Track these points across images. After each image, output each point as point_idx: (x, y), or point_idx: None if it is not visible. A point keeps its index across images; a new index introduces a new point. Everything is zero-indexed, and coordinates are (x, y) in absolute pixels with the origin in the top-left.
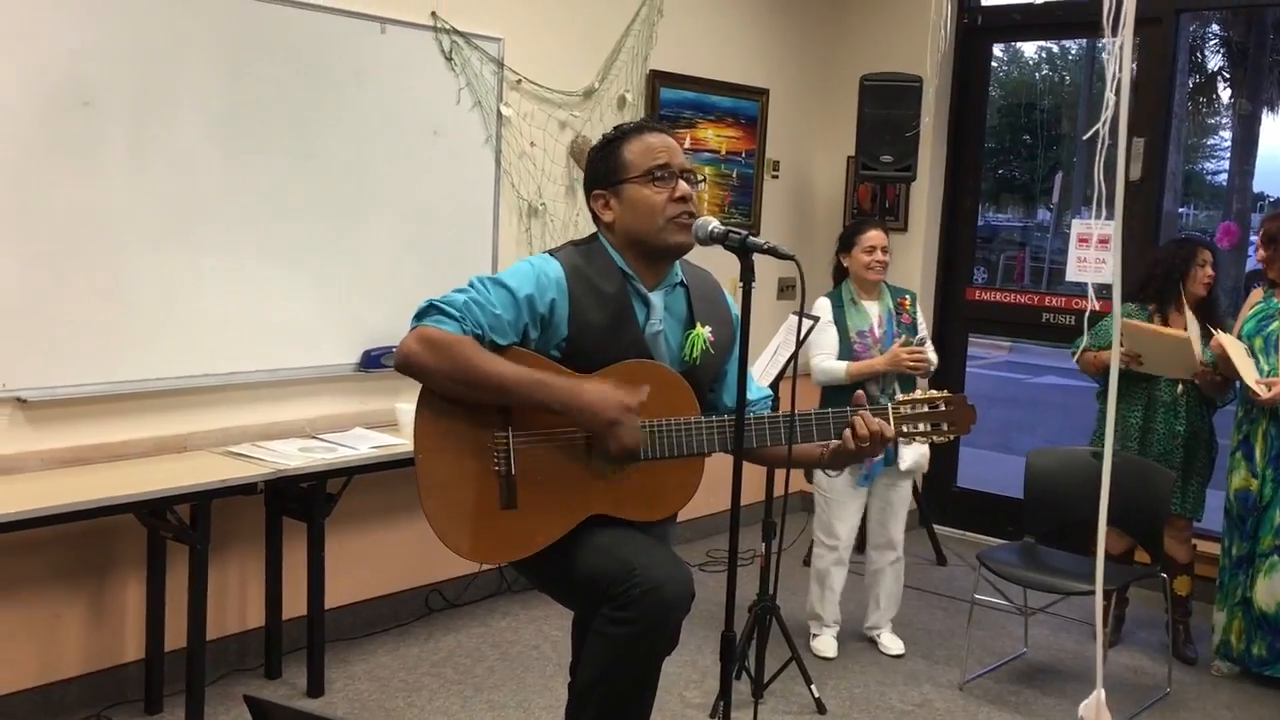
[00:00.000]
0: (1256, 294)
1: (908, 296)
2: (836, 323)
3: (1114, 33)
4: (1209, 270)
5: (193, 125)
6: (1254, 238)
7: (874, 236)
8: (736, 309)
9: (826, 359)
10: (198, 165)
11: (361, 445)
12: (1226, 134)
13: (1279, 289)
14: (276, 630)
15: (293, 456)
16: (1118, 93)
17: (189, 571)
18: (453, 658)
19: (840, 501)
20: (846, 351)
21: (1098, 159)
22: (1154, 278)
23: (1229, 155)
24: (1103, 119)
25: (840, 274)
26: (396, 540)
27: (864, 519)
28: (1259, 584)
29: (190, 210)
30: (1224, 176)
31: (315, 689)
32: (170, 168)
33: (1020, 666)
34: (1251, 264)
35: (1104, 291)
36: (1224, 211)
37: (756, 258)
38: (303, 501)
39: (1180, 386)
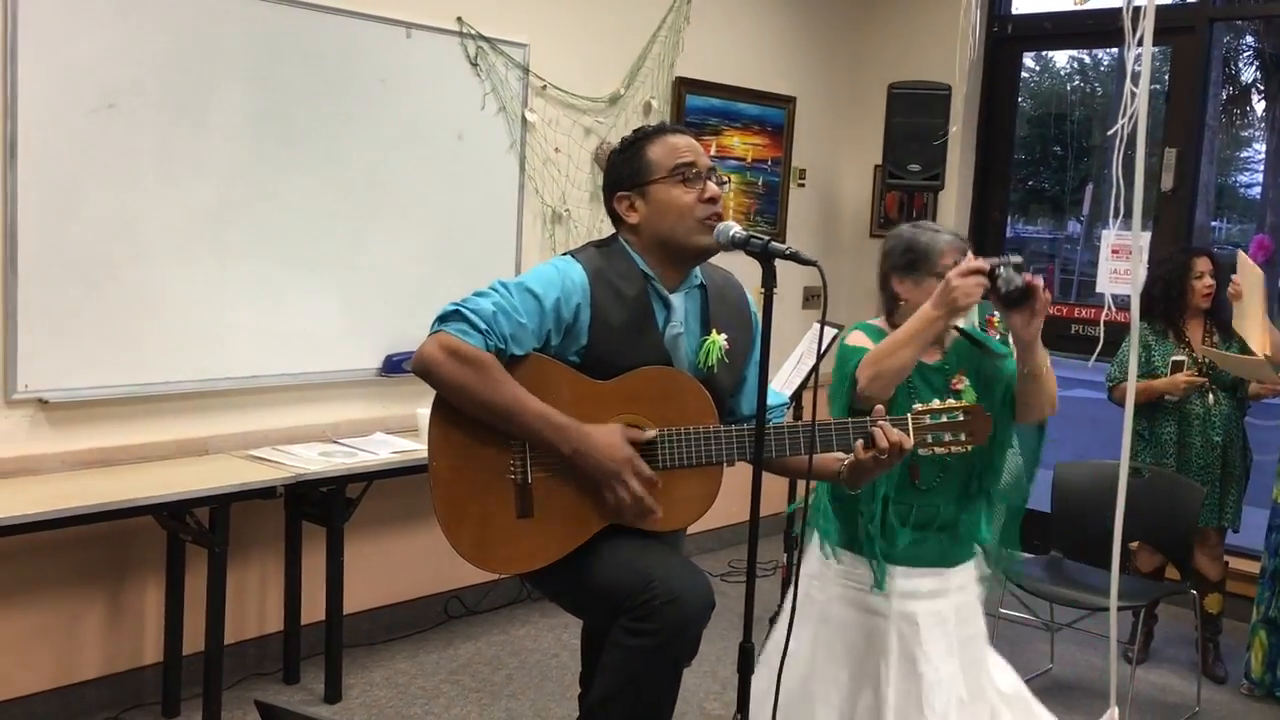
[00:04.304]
0: None
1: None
2: None
3: (1137, 40)
4: (1207, 280)
5: (219, 131)
6: None
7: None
8: (759, 311)
9: None
10: (223, 171)
11: (382, 450)
12: (1260, 146)
13: None
14: (295, 635)
15: (313, 461)
16: (1136, 99)
17: (208, 575)
18: (471, 665)
19: None
20: None
21: (1115, 163)
22: (1154, 298)
23: (1262, 168)
24: (1120, 124)
25: None
26: (415, 546)
27: None
28: None
29: (215, 215)
30: (1257, 190)
31: (333, 695)
32: (196, 173)
33: (1045, 683)
34: None
35: (1123, 301)
36: (1257, 224)
37: (782, 265)
38: (322, 506)
39: (1211, 397)
